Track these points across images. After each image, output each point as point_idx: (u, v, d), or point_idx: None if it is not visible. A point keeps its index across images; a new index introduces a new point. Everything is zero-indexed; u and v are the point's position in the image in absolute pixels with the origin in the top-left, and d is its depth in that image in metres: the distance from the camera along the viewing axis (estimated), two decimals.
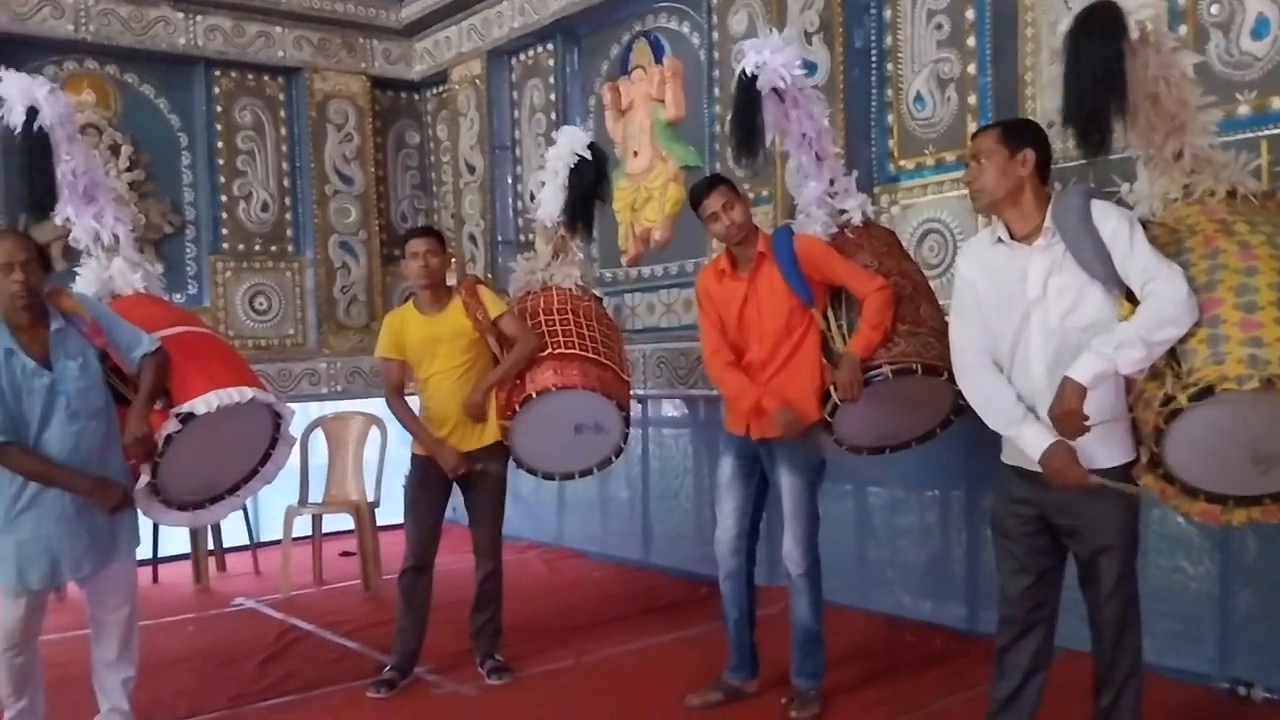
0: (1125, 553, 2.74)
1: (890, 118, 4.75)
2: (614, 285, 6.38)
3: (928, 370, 3.48)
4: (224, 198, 7.04)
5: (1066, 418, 2.55)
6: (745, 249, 3.69)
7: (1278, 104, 3.54)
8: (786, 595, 3.83)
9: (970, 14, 4.41)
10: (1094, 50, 2.62)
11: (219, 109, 7.02)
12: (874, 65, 4.80)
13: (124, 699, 3.49)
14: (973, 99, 4.41)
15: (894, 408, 3.68)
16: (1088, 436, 2.58)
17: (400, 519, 4.32)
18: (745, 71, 3.56)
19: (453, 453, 4.09)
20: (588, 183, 4.43)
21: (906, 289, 3.65)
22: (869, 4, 4.78)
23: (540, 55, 6.84)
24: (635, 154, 6.26)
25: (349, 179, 7.38)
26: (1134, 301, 2.60)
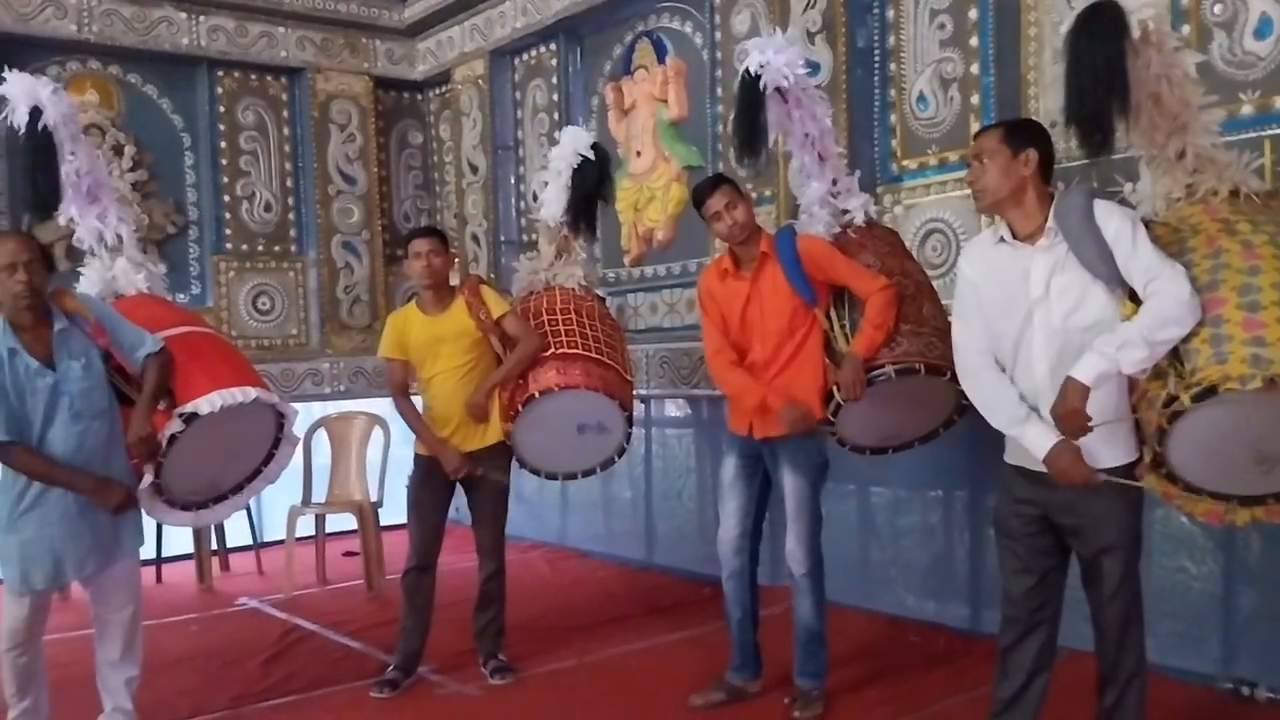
0: (1128, 552, 2.74)
1: (893, 117, 4.75)
2: (617, 285, 6.38)
3: (931, 370, 3.47)
4: (227, 198, 7.05)
5: (1069, 417, 2.55)
6: (748, 249, 3.69)
7: None
8: (789, 595, 3.83)
9: (973, 14, 4.40)
10: (1096, 50, 2.63)
11: (222, 109, 7.02)
12: (877, 65, 4.80)
13: (127, 699, 3.50)
14: (975, 99, 4.41)
15: (897, 408, 3.68)
16: (1091, 436, 2.58)
17: (403, 519, 4.32)
18: (748, 71, 3.55)
19: (454, 454, 4.09)
20: (591, 183, 4.43)
21: (909, 289, 3.65)
22: (871, 4, 4.77)
23: (543, 55, 6.84)
24: (638, 154, 6.26)
25: (352, 179, 7.39)
26: (1137, 301, 2.60)
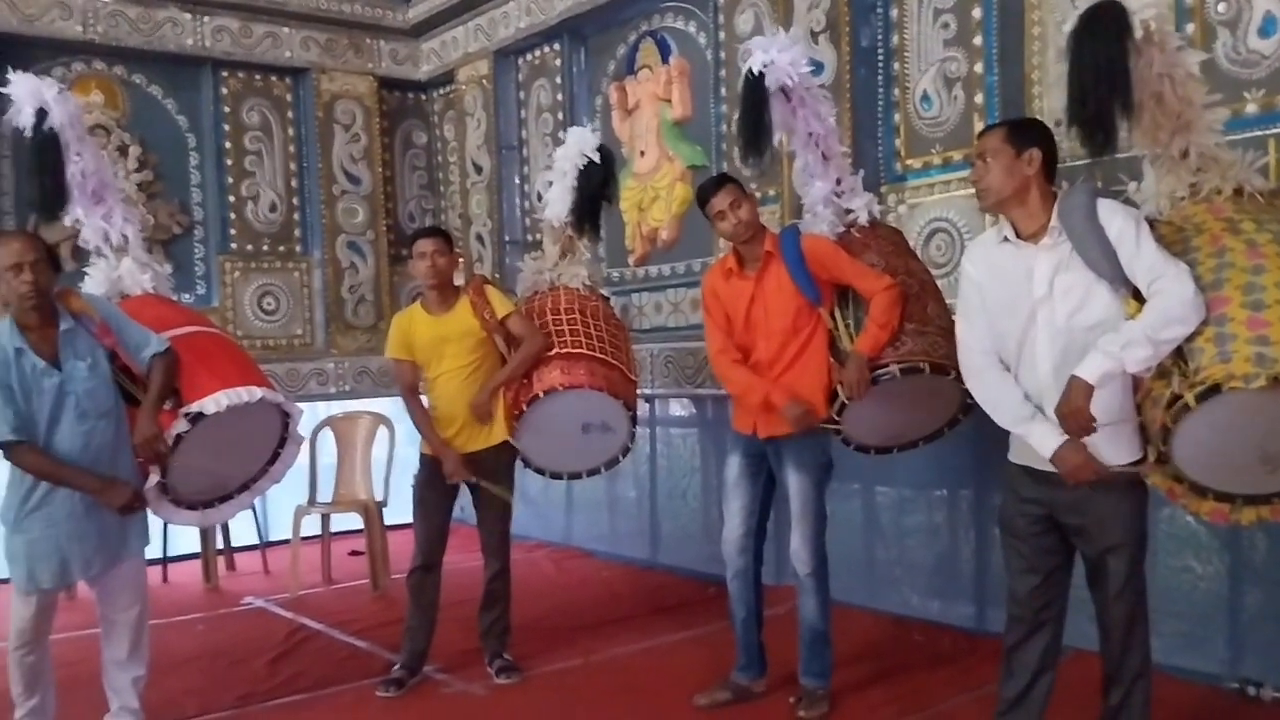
0: (1133, 551, 2.74)
1: (897, 117, 4.75)
2: (621, 285, 6.38)
3: (935, 369, 3.47)
4: (232, 198, 7.06)
5: (1073, 416, 2.55)
6: (752, 248, 3.69)
7: None
8: (794, 595, 3.83)
9: (977, 13, 4.40)
10: (1098, 49, 2.63)
11: (227, 109, 7.04)
12: (881, 64, 4.80)
13: (134, 698, 3.51)
14: (979, 98, 4.41)
15: (902, 407, 3.68)
16: (1095, 435, 2.58)
17: (409, 518, 4.33)
18: (752, 71, 3.56)
19: (454, 459, 4.07)
20: (596, 184, 4.44)
21: (913, 288, 3.65)
22: (875, 3, 4.77)
23: (547, 55, 6.85)
24: (642, 154, 6.26)
25: (356, 179, 7.40)
26: (1141, 300, 2.59)
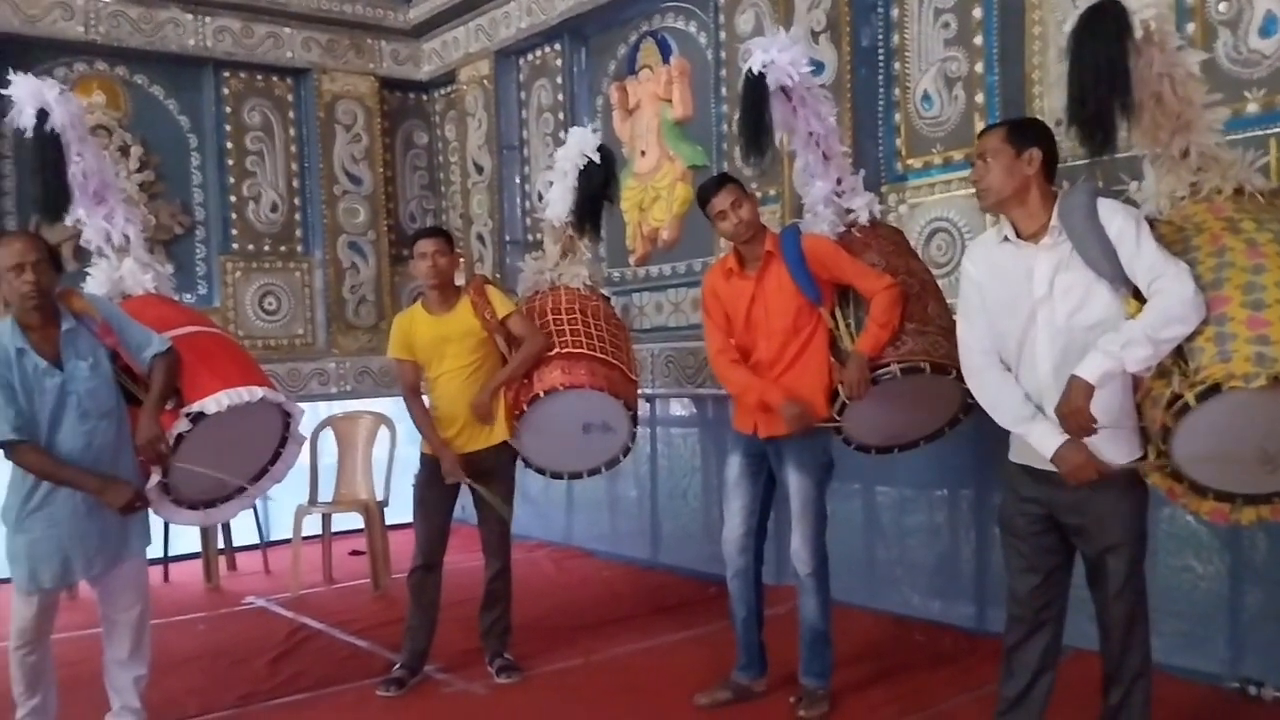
0: (1133, 551, 2.74)
1: (897, 116, 4.75)
2: (622, 285, 6.39)
3: (936, 369, 3.48)
4: (233, 198, 7.07)
5: (1073, 415, 2.55)
6: (753, 248, 3.69)
7: None
8: (794, 594, 3.83)
9: (977, 12, 4.41)
10: (1098, 49, 2.63)
11: (228, 110, 7.05)
12: (881, 64, 4.80)
13: (135, 697, 3.51)
14: (980, 97, 4.41)
15: (902, 406, 3.68)
16: (1095, 436, 2.58)
17: (409, 518, 4.33)
18: (752, 70, 3.56)
19: (452, 460, 4.07)
20: (597, 184, 4.44)
21: (914, 287, 3.65)
22: (876, 3, 4.78)
23: (548, 55, 6.85)
24: (643, 153, 6.26)
25: (357, 179, 7.40)
26: (1141, 300, 2.59)
